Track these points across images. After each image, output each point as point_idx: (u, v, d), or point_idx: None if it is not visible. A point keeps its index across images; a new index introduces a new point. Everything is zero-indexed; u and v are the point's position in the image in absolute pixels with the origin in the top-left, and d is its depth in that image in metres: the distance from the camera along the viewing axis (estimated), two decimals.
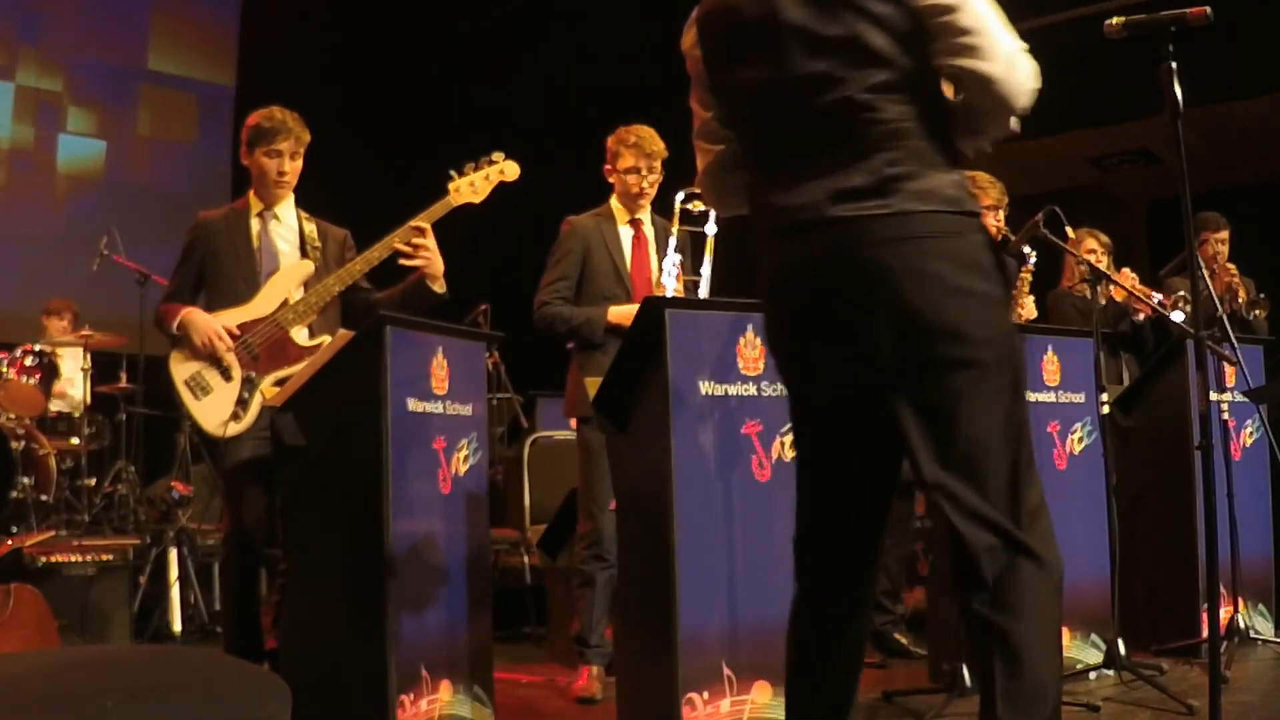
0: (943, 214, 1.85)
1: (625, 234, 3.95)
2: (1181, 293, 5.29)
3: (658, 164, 3.86)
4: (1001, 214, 4.37)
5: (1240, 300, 5.29)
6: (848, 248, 1.86)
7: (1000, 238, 4.34)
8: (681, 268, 3.68)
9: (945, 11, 1.85)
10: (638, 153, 3.84)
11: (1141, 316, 5.18)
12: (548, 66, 8.70)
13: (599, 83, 8.13)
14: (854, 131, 1.88)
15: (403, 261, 3.38)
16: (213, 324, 3.35)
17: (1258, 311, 5.33)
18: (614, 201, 3.99)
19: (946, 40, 1.86)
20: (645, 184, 3.87)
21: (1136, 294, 4.71)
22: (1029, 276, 4.38)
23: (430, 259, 3.38)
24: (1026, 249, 4.13)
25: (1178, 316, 4.63)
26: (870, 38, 1.86)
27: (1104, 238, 5.18)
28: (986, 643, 1.84)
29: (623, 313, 3.75)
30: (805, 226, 1.91)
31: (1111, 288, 5.01)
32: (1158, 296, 4.88)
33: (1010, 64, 1.86)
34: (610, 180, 3.98)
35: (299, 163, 3.50)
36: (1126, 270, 4.91)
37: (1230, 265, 5.37)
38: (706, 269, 3.65)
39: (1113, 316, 5.13)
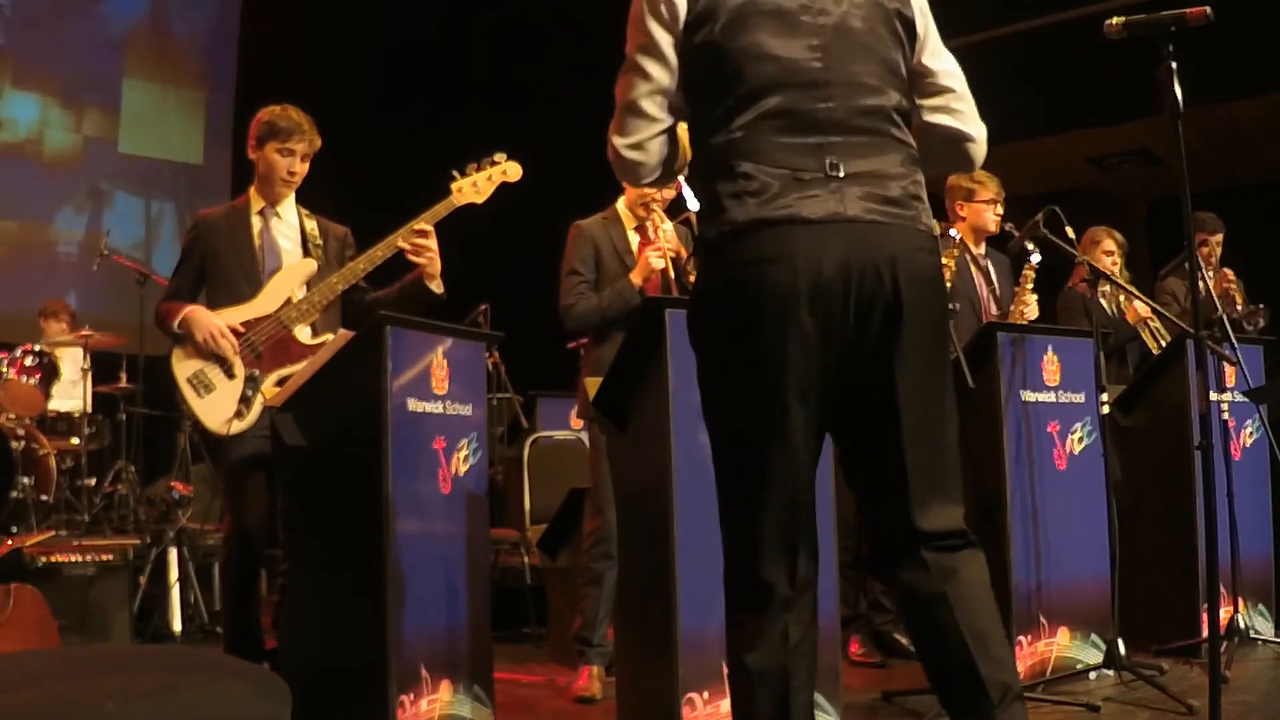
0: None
1: (633, 238, 3.96)
2: (1172, 293, 5.30)
3: (674, 180, 3.86)
4: (999, 208, 4.39)
5: (1238, 308, 5.28)
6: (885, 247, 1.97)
7: (999, 231, 4.36)
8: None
9: (947, 76, 2.14)
10: None
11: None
12: (549, 66, 8.70)
13: (599, 83, 8.13)
14: (888, 144, 2.03)
15: (410, 256, 3.38)
16: (214, 321, 3.35)
17: (1260, 321, 5.30)
18: (621, 206, 3.99)
19: (937, 97, 2.13)
20: (659, 195, 3.87)
21: (1151, 312, 4.71)
22: (1032, 275, 4.39)
23: (432, 258, 3.38)
24: (1029, 246, 4.14)
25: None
26: (900, 67, 2.08)
27: (1120, 237, 5.18)
28: None
29: (641, 269, 3.80)
30: (846, 222, 1.96)
31: (1129, 303, 5.00)
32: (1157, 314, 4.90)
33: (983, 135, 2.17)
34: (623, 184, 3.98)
35: (306, 167, 3.50)
36: (1144, 305, 4.91)
37: (1227, 271, 5.35)
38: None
39: (1124, 335, 5.11)
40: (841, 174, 1.95)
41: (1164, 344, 4.87)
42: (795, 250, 1.91)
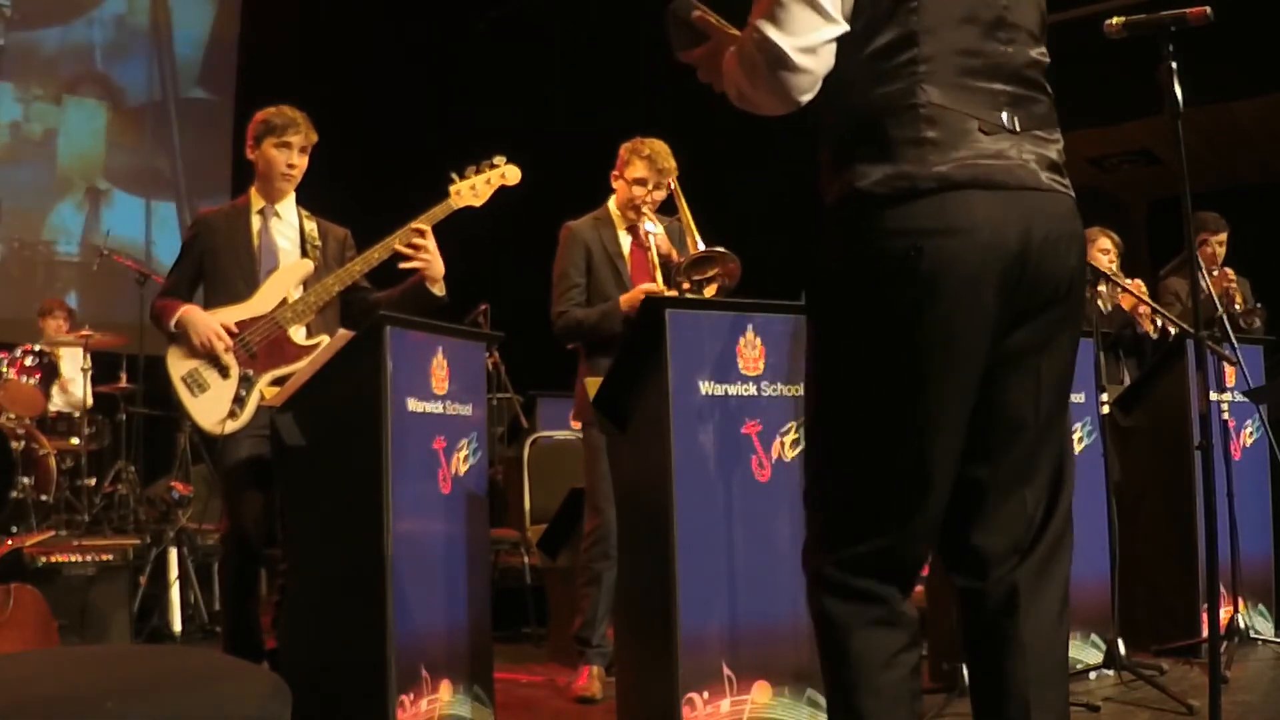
0: None
1: (625, 240, 3.96)
2: (1176, 292, 5.31)
3: (666, 182, 3.86)
4: None
5: (1237, 306, 5.29)
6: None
7: None
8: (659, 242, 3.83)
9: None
10: (649, 165, 3.84)
11: (1141, 330, 5.17)
12: (548, 66, 8.70)
13: (600, 83, 8.13)
14: (1046, 102, 1.81)
15: (402, 265, 3.38)
16: (211, 323, 3.36)
17: (1256, 322, 5.31)
18: (612, 207, 3.99)
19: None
20: (649, 197, 3.87)
21: (1145, 303, 4.70)
22: None
23: (430, 261, 3.38)
24: None
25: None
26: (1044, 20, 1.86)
27: (1116, 237, 5.19)
28: None
29: (632, 298, 3.76)
30: (1028, 190, 1.72)
31: (1120, 294, 5.01)
32: (1161, 313, 4.88)
33: None
34: (614, 185, 3.98)
35: (305, 161, 3.51)
36: (1139, 281, 4.90)
37: (1228, 270, 5.37)
38: None
39: (1118, 323, 5.12)
40: (1019, 129, 1.72)
41: (1160, 326, 4.85)
42: (978, 221, 1.65)
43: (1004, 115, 1.71)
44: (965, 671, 3.23)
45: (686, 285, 3.59)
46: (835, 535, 1.76)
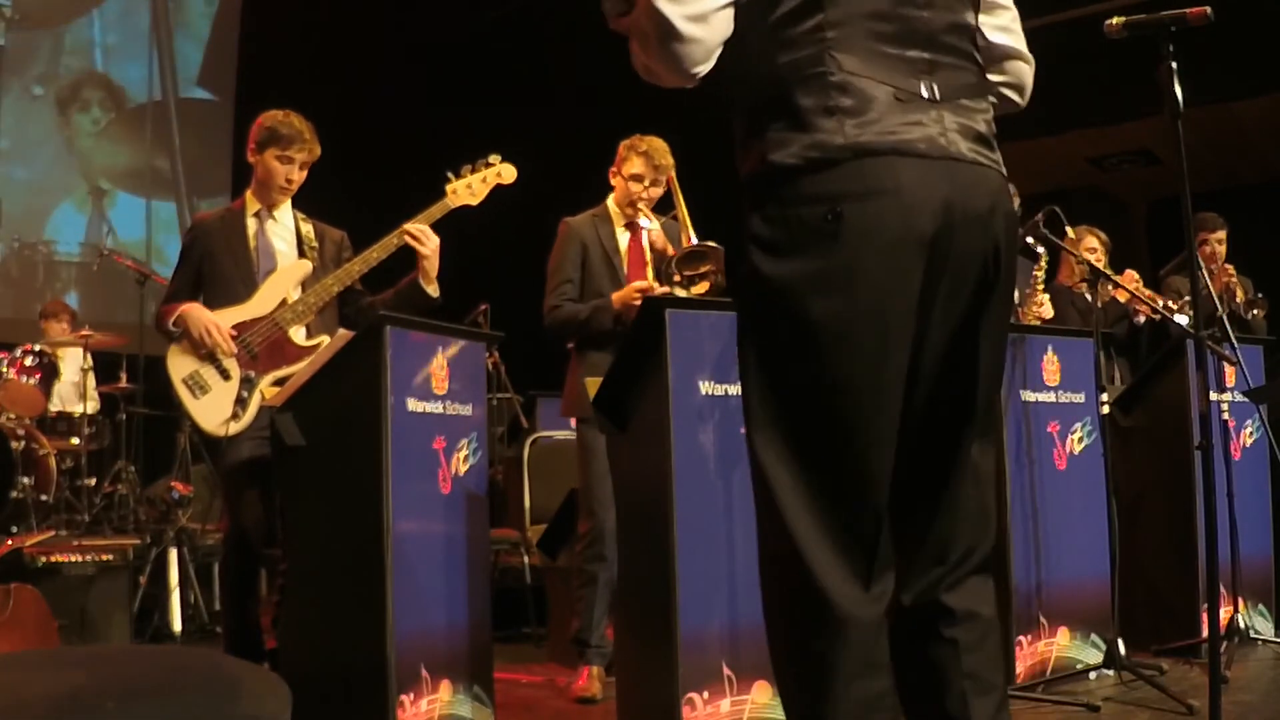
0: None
1: (622, 236, 3.97)
2: (1178, 290, 5.31)
3: (663, 178, 3.87)
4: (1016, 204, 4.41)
5: (1238, 300, 5.31)
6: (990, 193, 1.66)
7: None
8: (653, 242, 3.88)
9: None
10: (646, 162, 3.86)
11: (1141, 319, 5.20)
12: (546, 67, 8.70)
13: (597, 83, 8.13)
14: (973, 70, 1.70)
15: (412, 243, 3.38)
16: (209, 316, 3.36)
17: (1256, 311, 5.35)
18: (611, 204, 4.00)
19: (999, 15, 1.79)
20: (646, 194, 3.88)
21: (1139, 297, 4.71)
22: (1042, 274, 4.40)
23: (432, 256, 3.39)
24: (1039, 248, 4.14)
25: (1181, 319, 4.61)
26: None
27: (1103, 236, 5.20)
28: None
29: (624, 296, 3.77)
30: (950, 160, 1.62)
31: (1112, 288, 5.03)
32: (1161, 301, 4.89)
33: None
34: (612, 182, 3.99)
35: (305, 174, 3.51)
36: (1131, 272, 4.91)
37: (1228, 265, 5.39)
38: None
39: (1112, 318, 5.14)
40: (939, 99, 1.61)
41: (1160, 310, 4.87)
42: (900, 184, 1.55)
43: (922, 84, 1.61)
44: None
45: (678, 279, 3.59)
46: (788, 555, 1.63)
